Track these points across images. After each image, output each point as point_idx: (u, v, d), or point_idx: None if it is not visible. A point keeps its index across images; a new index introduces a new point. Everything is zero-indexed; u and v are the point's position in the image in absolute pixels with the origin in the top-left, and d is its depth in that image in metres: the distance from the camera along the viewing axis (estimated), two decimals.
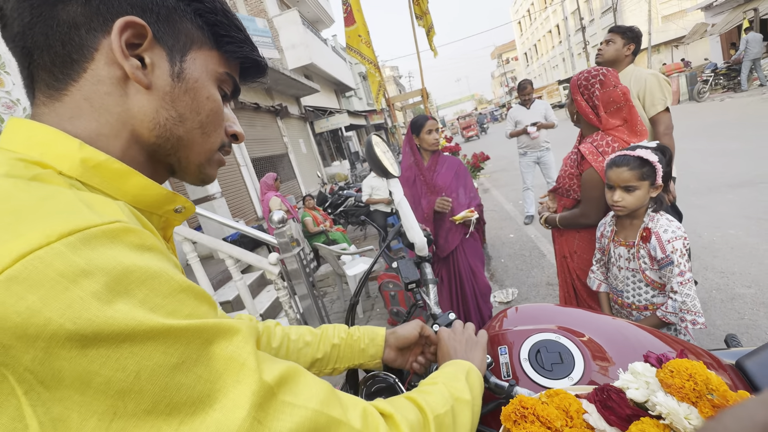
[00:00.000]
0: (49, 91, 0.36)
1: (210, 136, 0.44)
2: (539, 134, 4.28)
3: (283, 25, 10.13)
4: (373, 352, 0.73)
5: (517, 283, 3.18)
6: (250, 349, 0.32)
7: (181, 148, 0.42)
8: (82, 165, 0.34)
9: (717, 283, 2.43)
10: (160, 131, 0.40)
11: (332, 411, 0.34)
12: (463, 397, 0.50)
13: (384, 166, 0.80)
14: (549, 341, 0.78)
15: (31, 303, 0.24)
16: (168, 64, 0.39)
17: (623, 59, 2.14)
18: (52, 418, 0.24)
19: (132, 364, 0.26)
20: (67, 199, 0.30)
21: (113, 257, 0.27)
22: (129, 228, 0.30)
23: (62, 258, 0.25)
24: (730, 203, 3.58)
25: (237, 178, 6.82)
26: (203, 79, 0.42)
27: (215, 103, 0.43)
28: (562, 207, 1.68)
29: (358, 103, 19.80)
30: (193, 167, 0.44)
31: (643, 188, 1.19)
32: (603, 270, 1.46)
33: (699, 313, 1.14)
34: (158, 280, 0.29)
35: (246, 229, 2.55)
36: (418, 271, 0.83)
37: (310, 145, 11.61)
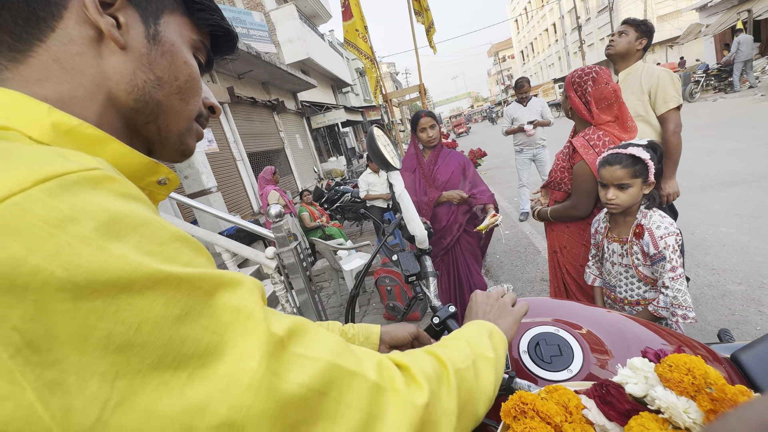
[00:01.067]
0: (11, 54, 0.33)
1: (188, 103, 0.42)
2: (535, 132, 4.30)
3: (280, 19, 10.04)
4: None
5: (512, 279, 3.20)
6: (256, 300, 0.30)
7: (160, 114, 0.40)
8: (53, 130, 0.32)
9: (708, 279, 2.47)
10: (138, 94, 0.38)
11: (346, 362, 0.33)
12: (486, 354, 0.48)
13: (385, 158, 0.80)
14: (548, 334, 0.79)
15: (13, 251, 0.21)
16: (142, 25, 0.38)
17: (634, 53, 2.08)
18: (47, 383, 0.22)
19: (132, 316, 0.24)
20: (38, 149, 0.27)
21: (98, 203, 0.25)
22: (110, 176, 0.28)
23: (42, 203, 0.23)
24: (723, 201, 3.63)
25: (233, 173, 6.77)
26: (179, 43, 0.41)
27: (192, 69, 0.42)
28: (554, 201, 1.70)
29: (354, 99, 19.72)
30: (173, 136, 0.43)
31: (636, 186, 1.21)
32: (598, 265, 1.48)
33: (690, 308, 1.16)
34: (150, 227, 0.27)
35: (243, 222, 2.54)
36: (419, 264, 0.83)
37: (306, 141, 11.55)
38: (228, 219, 2.59)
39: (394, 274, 2.87)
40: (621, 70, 2.15)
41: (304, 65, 11.15)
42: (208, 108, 0.47)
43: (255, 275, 3.60)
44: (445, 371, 0.42)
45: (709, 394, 0.45)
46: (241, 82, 7.66)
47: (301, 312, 2.51)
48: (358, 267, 3.34)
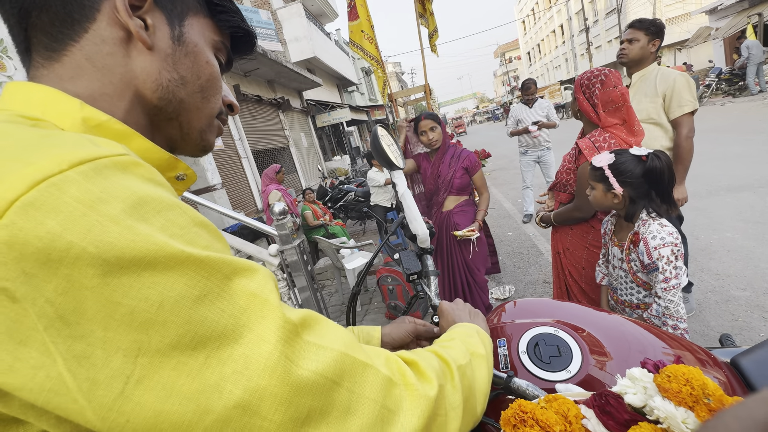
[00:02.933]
0: (48, 53, 0.36)
1: (209, 101, 0.44)
2: (540, 133, 4.28)
3: (287, 17, 10.06)
4: None
5: (514, 280, 3.20)
6: (271, 287, 0.31)
7: (183, 111, 0.42)
8: (83, 124, 0.34)
9: (712, 285, 2.45)
10: (163, 93, 0.40)
11: (357, 354, 0.34)
12: (479, 351, 0.51)
13: (388, 158, 0.81)
14: (547, 335, 0.79)
15: (50, 227, 0.23)
16: (168, 27, 0.40)
17: (649, 56, 2.03)
18: (75, 354, 0.23)
19: (154, 294, 0.25)
20: (72, 136, 0.30)
21: (127, 186, 0.27)
22: (137, 161, 0.30)
23: (77, 185, 0.25)
24: (728, 206, 3.60)
25: (238, 170, 6.80)
26: (201, 44, 0.43)
27: (214, 68, 0.44)
28: (559, 203, 1.71)
29: (360, 98, 19.73)
30: (195, 132, 0.45)
31: (598, 189, 1.28)
32: (607, 265, 1.49)
33: (681, 319, 1.15)
34: (174, 211, 0.29)
35: (247, 219, 2.55)
36: (420, 263, 0.84)
37: (311, 139, 11.58)
38: (232, 216, 2.60)
39: (397, 274, 2.88)
40: (634, 73, 2.10)
41: (310, 64, 11.17)
42: (227, 106, 0.49)
43: None
44: (449, 367, 0.44)
45: (707, 405, 0.45)
46: (247, 80, 7.69)
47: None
48: (361, 266, 3.35)
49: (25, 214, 0.23)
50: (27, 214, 0.23)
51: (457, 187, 2.19)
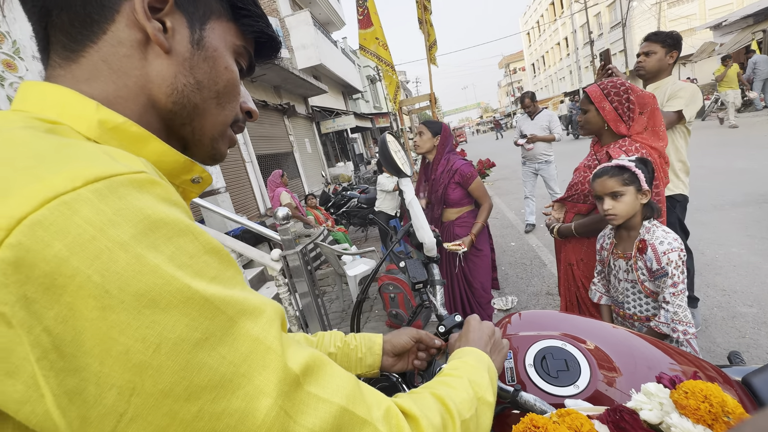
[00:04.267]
0: (65, 53, 0.35)
1: (225, 108, 0.43)
2: (533, 146, 4.27)
3: (295, 25, 10.19)
4: (370, 361, 0.71)
5: (517, 291, 3.17)
6: (275, 333, 0.30)
7: (196, 116, 0.41)
8: (99, 126, 0.33)
9: (718, 300, 2.42)
10: (177, 97, 0.39)
11: (357, 408, 0.32)
12: (487, 398, 0.47)
13: (396, 165, 0.80)
14: (554, 348, 0.78)
15: (58, 251, 0.22)
16: (188, 30, 0.39)
17: (666, 68, 2.01)
18: (67, 390, 0.22)
19: (153, 334, 0.24)
20: (89, 148, 0.28)
21: (141, 208, 0.26)
22: (155, 180, 0.28)
23: (89, 205, 0.23)
24: (734, 221, 3.57)
25: (242, 174, 6.83)
26: (222, 49, 0.41)
27: (233, 74, 0.43)
28: (574, 214, 1.67)
29: (364, 105, 19.86)
30: (206, 140, 0.43)
31: (629, 194, 1.23)
32: (604, 282, 1.47)
33: (690, 324, 1.16)
34: (185, 237, 0.27)
35: (250, 224, 2.55)
36: (426, 272, 0.83)
37: (315, 145, 11.64)
38: (235, 219, 2.60)
39: (398, 281, 2.86)
40: (650, 85, 2.09)
41: (316, 71, 11.28)
42: (246, 112, 0.48)
43: (259, 276, 3.61)
44: (452, 423, 0.41)
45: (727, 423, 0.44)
46: (254, 86, 7.77)
47: (304, 315, 2.51)
48: (362, 272, 3.34)
49: (33, 234, 0.22)
50: (35, 234, 0.22)
51: (452, 201, 2.14)
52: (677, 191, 2.02)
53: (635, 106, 1.45)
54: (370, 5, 4.04)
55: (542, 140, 4.22)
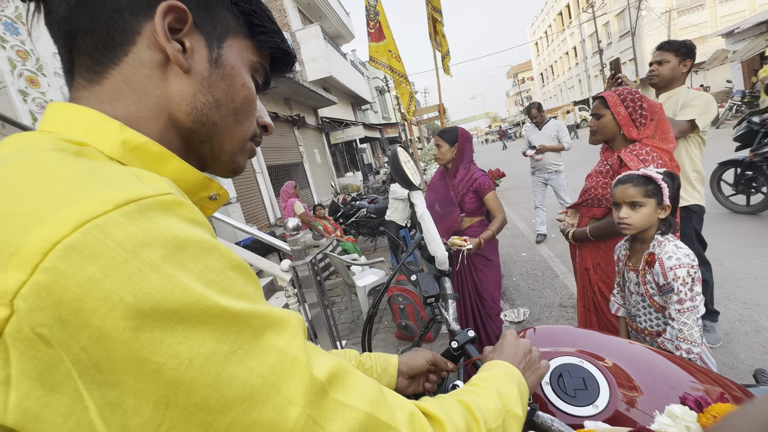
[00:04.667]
0: (89, 75, 0.37)
1: (243, 124, 0.44)
2: (542, 157, 4.26)
3: (305, 38, 10.41)
4: (386, 382, 0.69)
5: (529, 303, 3.11)
6: (300, 343, 0.31)
7: (215, 134, 0.42)
8: (122, 146, 0.34)
9: (740, 314, 2.34)
10: (197, 116, 0.40)
11: (382, 414, 0.33)
12: (516, 411, 0.46)
13: (408, 178, 0.80)
14: (572, 365, 0.76)
15: (91, 274, 0.23)
16: (206, 49, 0.40)
17: (679, 77, 2.00)
18: (109, 402, 0.23)
19: (185, 350, 0.24)
20: (117, 171, 0.29)
21: (169, 230, 0.27)
22: (181, 201, 0.29)
23: (120, 228, 0.24)
24: (754, 231, 3.47)
25: (252, 185, 6.92)
26: (239, 66, 0.42)
27: (249, 91, 0.43)
28: (589, 219, 1.66)
29: (373, 116, 20.06)
30: (225, 155, 0.44)
31: (649, 206, 1.20)
32: (623, 294, 1.44)
33: (695, 343, 1.12)
34: (212, 255, 0.28)
35: (260, 234, 2.57)
36: (438, 285, 0.82)
37: (324, 156, 11.75)
38: (246, 230, 2.62)
39: (408, 293, 2.84)
40: (663, 94, 2.07)
41: (325, 83, 11.46)
42: (262, 126, 0.48)
43: (268, 287, 3.62)
44: (477, 428, 0.41)
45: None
46: (265, 98, 7.92)
47: (313, 326, 2.50)
48: (372, 283, 3.32)
49: (67, 258, 0.23)
50: (69, 258, 0.23)
51: (467, 211, 2.15)
52: (693, 201, 1.98)
53: (648, 113, 1.49)
54: (382, 19, 4.13)
55: (551, 150, 4.21)
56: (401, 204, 4.43)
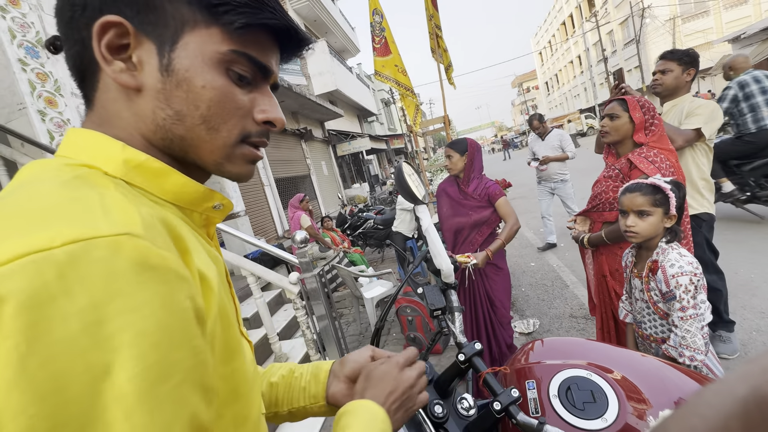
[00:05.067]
0: (87, 101, 0.39)
1: (219, 131, 0.38)
2: (546, 167, 4.28)
3: (311, 53, 10.61)
4: (314, 390, 0.59)
5: (539, 313, 3.07)
6: None
7: (188, 148, 0.39)
8: (125, 165, 0.35)
9: (757, 324, 2.28)
10: (163, 133, 0.37)
11: None
12: None
13: (413, 193, 0.82)
14: (580, 378, 0.76)
15: (5, 310, 0.22)
16: (157, 57, 0.36)
17: (683, 86, 2.00)
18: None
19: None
20: (93, 202, 0.29)
21: (103, 277, 0.25)
22: (136, 243, 0.27)
23: (55, 268, 0.24)
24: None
25: (260, 197, 7.01)
26: (196, 66, 0.36)
27: (215, 91, 0.37)
28: (601, 224, 1.67)
29: (379, 128, 20.27)
30: (211, 166, 0.41)
31: (656, 215, 1.22)
32: (630, 300, 1.44)
33: (698, 350, 1.12)
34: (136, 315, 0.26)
35: (268, 247, 2.60)
36: (444, 298, 0.83)
37: (331, 168, 11.87)
38: (254, 243, 2.66)
39: (416, 304, 2.83)
40: (667, 102, 2.08)
41: (332, 96, 11.65)
42: (265, 123, 0.42)
43: (276, 299, 3.63)
44: None
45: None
46: None
47: (322, 338, 2.50)
48: (379, 295, 3.32)
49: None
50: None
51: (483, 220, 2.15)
52: (702, 210, 1.96)
53: (658, 121, 1.56)
54: (388, 35, 4.24)
55: (555, 160, 4.23)
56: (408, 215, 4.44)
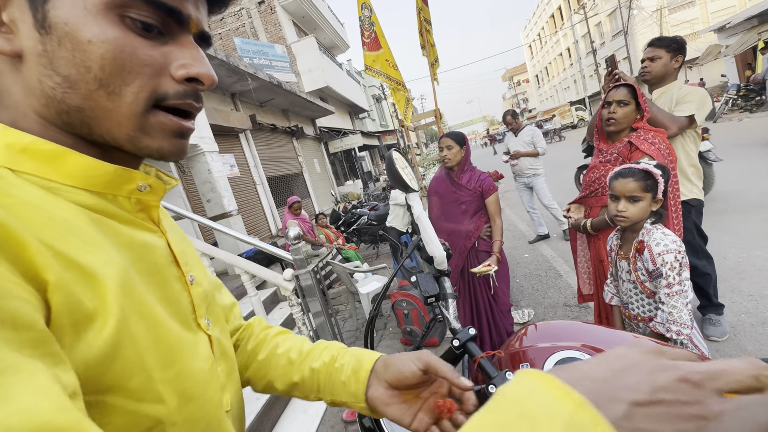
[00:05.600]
0: None
1: (122, 95, 0.32)
2: (517, 162, 4.42)
3: (301, 50, 10.56)
4: (354, 388, 0.50)
5: (533, 303, 3.10)
6: None
7: (91, 121, 0.32)
8: (7, 150, 0.30)
9: (746, 306, 2.33)
10: (56, 106, 0.31)
11: None
12: None
13: (404, 180, 0.82)
14: (574, 359, 0.76)
15: None
16: (30, 12, 0.29)
17: (672, 73, 2.02)
18: None
19: None
20: None
21: None
22: None
23: None
24: (756, 223, 3.46)
25: (253, 197, 6.96)
26: (77, 16, 0.30)
27: (108, 46, 0.30)
28: (600, 208, 1.70)
29: (371, 124, 20.21)
30: (126, 143, 0.34)
31: (645, 200, 1.25)
32: (616, 283, 1.49)
33: (685, 325, 1.17)
34: None
35: (262, 244, 2.58)
36: (438, 285, 0.83)
37: (324, 165, 11.82)
38: (248, 241, 2.64)
39: (411, 298, 2.84)
40: (656, 90, 2.09)
41: (322, 93, 11.58)
42: (190, 80, 0.35)
43: (272, 298, 3.62)
44: None
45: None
46: (263, 110, 8.00)
47: (318, 335, 2.50)
48: (375, 290, 3.32)
49: None
50: None
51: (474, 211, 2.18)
52: (691, 196, 1.98)
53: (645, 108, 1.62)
54: (377, 29, 4.22)
55: (525, 155, 4.35)
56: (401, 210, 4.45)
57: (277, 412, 2.16)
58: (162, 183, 0.39)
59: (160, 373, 0.32)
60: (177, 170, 5.00)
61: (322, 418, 2.16)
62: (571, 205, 1.81)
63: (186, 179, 5.21)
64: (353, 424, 2.06)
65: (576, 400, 0.20)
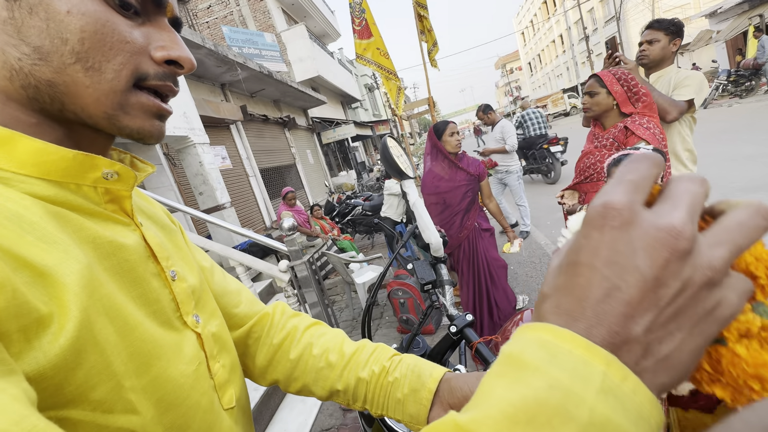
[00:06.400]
0: None
1: (103, 71, 0.30)
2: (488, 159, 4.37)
3: (291, 39, 10.37)
4: (414, 410, 0.46)
5: (528, 290, 3.14)
6: None
7: (64, 98, 0.30)
8: None
9: None
10: (22, 80, 0.29)
11: None
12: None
13: (399, 167, 0.81)
14: None
15: None
16: None
17: (669, 56, 1.99)
18: None
19: None
20: None
21: None
22: None
23: None
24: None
25: (246, 188, 6.90)
26: None
27: (88, 19, 0.29)
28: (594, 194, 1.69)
29: (364, 114, 20.03)
30: (103, 121, 0.32)
31: None
32: None
33: None
34: None
35: (256, 236, 2.57)
36: (434, 272, 0.83)
37: (317, 156, 11.73)
38: (242, 233, 2.62)
39: (408, 287, 2.85)
40: (653, 73, 2.07)
41: (314, 83, 11.42)
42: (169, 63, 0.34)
43: (267, 289, 3.62)
44: None
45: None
46: (254, 101, 7.87)
47: None
48: (371, 280, 3.33)
49: None
50: None
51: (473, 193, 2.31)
52: None
53: (638, 89, 1.61)
54: (368, 16, 4.15)
55: (493, 152, 4.29)
56: (396, 200, 4.44)
57: (276, 401, 2.18)
58: (131, 171, 0.35)
59: (131, 380, 0.30)
60: (167, 162, 4.92)
61: (320, 407, 2.18)
62: (564, 192, 1.81)
63: (177, 171, 5.14)
64: (351, 412, 2.08)
65: (603, 357, 0.17)
